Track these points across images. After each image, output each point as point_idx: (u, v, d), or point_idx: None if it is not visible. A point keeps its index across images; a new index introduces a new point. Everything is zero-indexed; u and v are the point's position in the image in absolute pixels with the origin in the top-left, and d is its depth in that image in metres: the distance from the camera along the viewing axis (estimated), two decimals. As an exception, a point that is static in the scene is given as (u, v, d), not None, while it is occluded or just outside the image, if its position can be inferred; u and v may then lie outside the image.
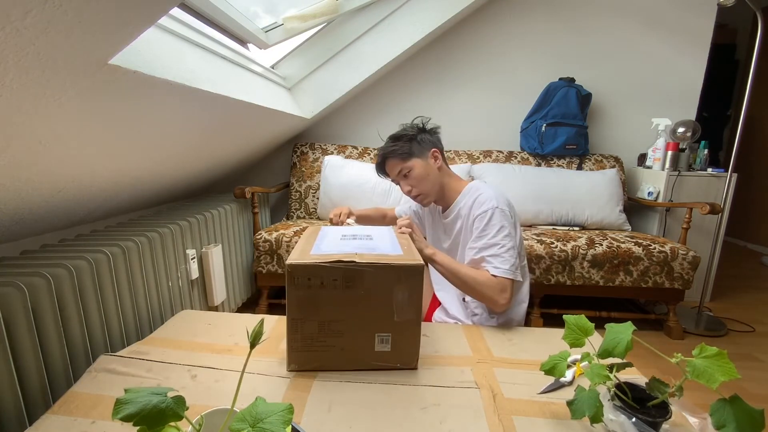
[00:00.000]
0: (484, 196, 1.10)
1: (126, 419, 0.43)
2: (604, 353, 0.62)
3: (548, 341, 0.97)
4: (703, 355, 0.55)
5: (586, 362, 0.67)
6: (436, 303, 1.28)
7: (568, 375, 0.79)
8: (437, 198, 1.21)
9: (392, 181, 1.23)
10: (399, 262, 0.79)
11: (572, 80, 2.30)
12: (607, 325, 0.66)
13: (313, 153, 2.35)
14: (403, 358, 0.83)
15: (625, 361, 0.66)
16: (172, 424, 0.46)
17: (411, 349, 0.83)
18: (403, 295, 0.80)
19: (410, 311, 0.81)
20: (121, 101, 0.88)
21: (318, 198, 2.27)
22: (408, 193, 1.19)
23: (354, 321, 0.80)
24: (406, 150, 1.16)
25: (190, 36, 1.18)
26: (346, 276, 0.78)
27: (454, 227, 1.19)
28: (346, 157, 2.32)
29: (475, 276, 1.02)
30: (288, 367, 0.82)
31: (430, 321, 1.23)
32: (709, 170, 2.19)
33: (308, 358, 0.81)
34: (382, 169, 1.23)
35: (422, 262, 0.80)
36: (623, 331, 0.63)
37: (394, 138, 1.19)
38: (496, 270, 1.01)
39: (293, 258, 0.79)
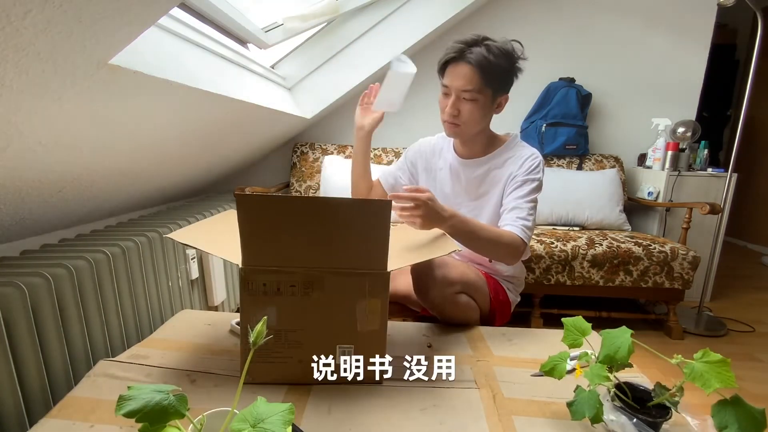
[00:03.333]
0: (530, 149, 1.09)
1: (129, 415, 0.43)
2: (605, 359, 0.62)
3: (548, 341, 0.97)
4: (705, 360, 0.55)
5: (584, 361, 0.67)
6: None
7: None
8: (466, 142, 1.11)
9: (443, 85, 1.03)
10: (363, 270, 0.73)
11: (572, 80, 2.30)
12: (603, 332, 0.66)
13: (313, 153, 2.35)
14: (367, 372, 0.77)
15: (625, 361, 0.66)
16: (174, 423, 0.46)
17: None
18: (367, 302, 0.74)
19: (375, 320, 0.75)
20: (121, 101, 0.88)
21: (318, 198, 2.26)
22: (449, 115, 1.02)
23: (313, 331, 0.75)
24: (495, 77, 0.97)
25: (190, 36, 1.17)
26: (304, 282, 0.73)
27: (497, 177, 1.09)
28: (346, 157, 2.32)
29: (500, 236, 0.97)
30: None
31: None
32: (709, 170, 2.19)
33: (265, 370, 0.76)
34: (446, 65, 1.01)
35: (386, 269, 0.74)
36: (620, 335, 0.63)
37: (490, 50, 0.96)
38: (522, 233, 0.98)
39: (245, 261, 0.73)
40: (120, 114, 0.93)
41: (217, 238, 0.87)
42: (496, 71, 0.97)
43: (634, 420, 0.59)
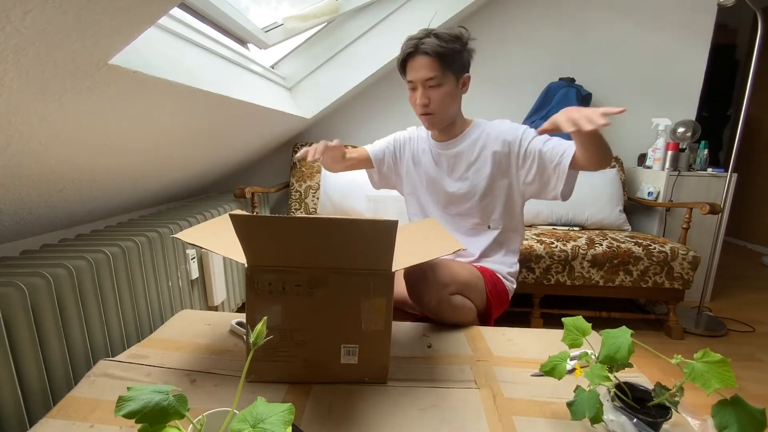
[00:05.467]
0: (508, 123, 1.16)
1: (128, 416, 0.43)
2: (606, 359, 0.62)
3: (548, 341, 0.97)
4: (705, 360, 0.55)
5: (584, 361, 0.67)
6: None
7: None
8: (445, 128, 1.12)
9: (408, 81, 1.07)
10: (367, 269, 0.73)
11: (572, 80, 2.30)
12: (603, 332, 0.66)
13: (313, 153, 2.35)
14: (371, 372, 0.77)
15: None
16: (173, 423, 0.46)
17: (380, 363, 0.77)
18: (371, 302, 0.74)
19: (380, 320, 0.75)
20: (121, 101, 0.88)
21: (318, 198, 2.26)
22: (422, 106, 1.05)
23: (318, 330, 0.75)
24: (451, 60, 1.01)
25: (190, 36, 1.18)
26: (310, 282, 0.74)
27: (473, 154, 1.12)
28: (346, 157, 2.32)
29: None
30: (247, 378, 0.77)
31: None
32: (709, 170, 2.19)
33: (269, 368, 0.76)
34: (405, 62, 1.05)
35: (391, 269, 0.74)
36: (620, 335, 0.63)
37: (440, 37, 1.01)
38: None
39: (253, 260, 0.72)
40: (120, 114, 0.93)
41: (222, 237, 0.87)
42: (451, 54, 1.02)
43: (634, 420, 0.59)
